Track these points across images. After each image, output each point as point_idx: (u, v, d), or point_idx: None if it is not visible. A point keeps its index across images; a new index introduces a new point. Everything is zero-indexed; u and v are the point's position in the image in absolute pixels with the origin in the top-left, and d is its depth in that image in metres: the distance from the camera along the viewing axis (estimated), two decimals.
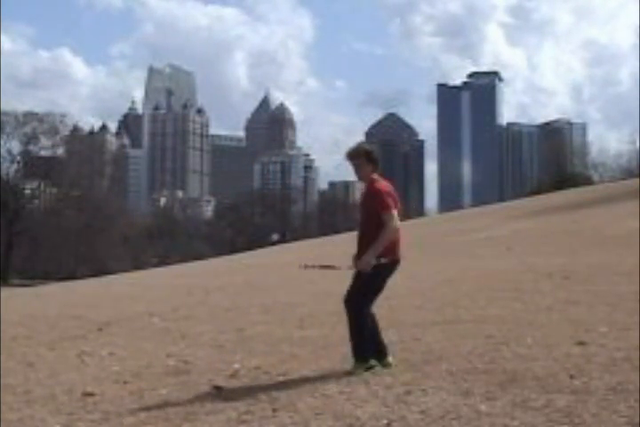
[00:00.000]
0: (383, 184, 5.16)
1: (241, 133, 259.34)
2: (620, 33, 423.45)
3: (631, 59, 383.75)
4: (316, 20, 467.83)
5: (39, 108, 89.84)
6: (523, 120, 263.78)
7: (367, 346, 5.05)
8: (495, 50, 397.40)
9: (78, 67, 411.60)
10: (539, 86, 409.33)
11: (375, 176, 5.17)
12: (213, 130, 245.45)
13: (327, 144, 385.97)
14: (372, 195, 5.10)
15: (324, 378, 4.92)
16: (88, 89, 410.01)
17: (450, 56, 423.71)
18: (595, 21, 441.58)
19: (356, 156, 5.18)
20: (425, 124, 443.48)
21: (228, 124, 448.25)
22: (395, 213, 5.02)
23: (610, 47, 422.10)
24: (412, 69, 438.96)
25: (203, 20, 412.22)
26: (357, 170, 5.16)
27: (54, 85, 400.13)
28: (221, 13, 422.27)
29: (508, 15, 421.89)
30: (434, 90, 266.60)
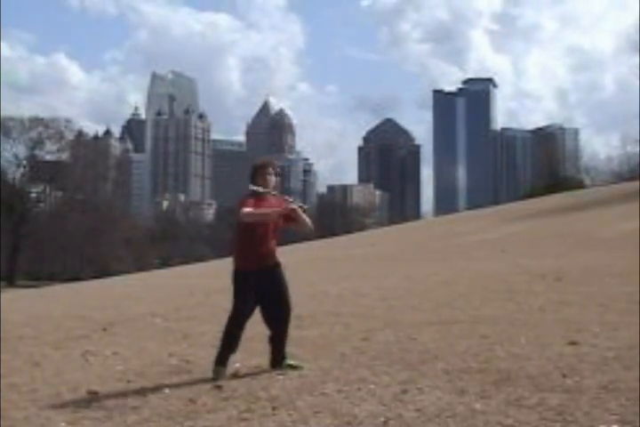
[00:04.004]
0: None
1: (241, 138, 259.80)
2: (604, 39, 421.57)
3: (614, 64, 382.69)
4: (307, 27, 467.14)
5: (37, 114, 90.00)
6: (510, 125, 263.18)
7: None
8: (481, 56, 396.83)
9: (74, 72, 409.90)
10: (525, 92, 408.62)
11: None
12: (212, 135, 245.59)
13: (320, 148, 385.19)
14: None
15: (322, 377, 4.97)
16: (84, 94, 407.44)
17: (438, 62, 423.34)
18: (579, 28, 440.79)
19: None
20: (415, 128, 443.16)
21: (222, 129, 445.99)
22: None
23: (593, 53, 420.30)
24: (401, 75, 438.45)
25: (196, 26, 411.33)
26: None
27: (51, 91, 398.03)
28: (214, 20, 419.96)
29: (494, 22, 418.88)
30: (423, 95, 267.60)
